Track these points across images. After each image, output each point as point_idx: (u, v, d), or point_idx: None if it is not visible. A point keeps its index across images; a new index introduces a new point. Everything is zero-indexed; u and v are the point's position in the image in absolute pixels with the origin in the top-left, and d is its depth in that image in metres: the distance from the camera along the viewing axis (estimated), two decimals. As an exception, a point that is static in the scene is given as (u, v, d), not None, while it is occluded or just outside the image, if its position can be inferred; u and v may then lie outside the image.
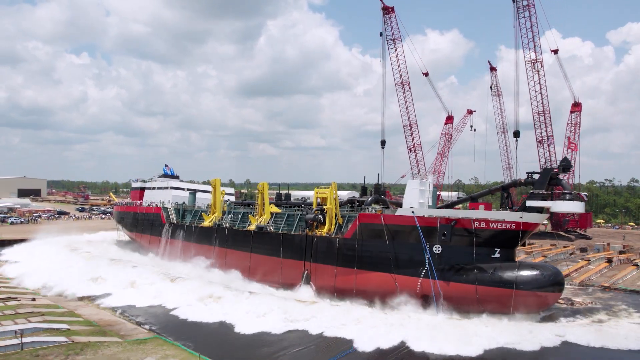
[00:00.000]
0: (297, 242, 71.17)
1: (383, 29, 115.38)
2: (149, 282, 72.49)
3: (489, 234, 58.01)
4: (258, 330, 51.99)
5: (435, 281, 58.09)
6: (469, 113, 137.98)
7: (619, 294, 70.97)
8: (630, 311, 61.05)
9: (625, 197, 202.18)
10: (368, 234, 64.06)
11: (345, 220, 69.18)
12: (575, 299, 66.73)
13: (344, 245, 65.92)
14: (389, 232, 62.20)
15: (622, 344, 47.77)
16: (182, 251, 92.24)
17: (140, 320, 57.55)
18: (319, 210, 71.07)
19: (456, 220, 58.57)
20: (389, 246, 62.15)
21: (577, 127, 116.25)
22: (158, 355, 41.27)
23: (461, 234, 58.70)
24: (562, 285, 58.91)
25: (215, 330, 53.57)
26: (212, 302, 62.56)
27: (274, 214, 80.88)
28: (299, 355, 46.13)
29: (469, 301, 56.39)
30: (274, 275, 73.40)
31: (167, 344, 44.77)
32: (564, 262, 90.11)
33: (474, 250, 58.34)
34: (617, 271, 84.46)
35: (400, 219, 61.77)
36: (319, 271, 68.09)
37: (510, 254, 59.47)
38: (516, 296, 55.00)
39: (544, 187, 59.62)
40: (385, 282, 61.55)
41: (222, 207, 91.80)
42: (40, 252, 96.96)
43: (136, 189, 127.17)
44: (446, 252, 58.98)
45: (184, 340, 48.51)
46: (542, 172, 61.37)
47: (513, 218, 57.89)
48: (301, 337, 50.43)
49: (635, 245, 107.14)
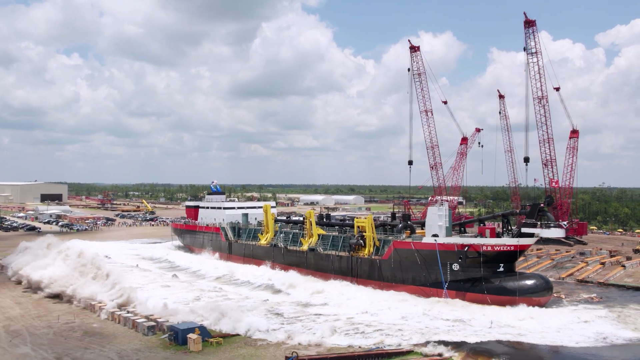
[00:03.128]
0: (345, 261, 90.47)
1: (410, 64, 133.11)
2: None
3: (494, 254, 76.71)
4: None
5: (453, 292, 77.16)
6: (477, 131, 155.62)
7: (610, 288, 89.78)
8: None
9: (615, 206, 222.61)
10: (401, 256, 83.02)
11: (381, 244, 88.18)
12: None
13: (383, 264, 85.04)
14: (419, 255, 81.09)
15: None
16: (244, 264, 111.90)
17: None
18: (359, 236, 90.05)
19: (469, 246, 77.33)
20: (419, 266, 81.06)
21: (575, 150, 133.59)
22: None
23: (473, 255, 77.38)
24: (552, 290, 77.59)
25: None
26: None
27: (321, 235, 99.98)
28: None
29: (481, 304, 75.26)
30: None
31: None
32: (569, 262, 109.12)
33: (483, 266, 77.03)
34: (608, 271, 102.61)
35: (425, 245, 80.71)
36: (361, 284, 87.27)
37: (511, 267, 78.43)
38: (518, 300, 73.65)
39: (534, 217, 78.43)
40: (416, 292, 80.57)
41: (273, 228, 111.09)
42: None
43: (191, 207, 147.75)
44: (462, 269, 77.76)
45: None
46: (532, 206, 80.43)
47: (512, 242, 76.72)
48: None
49: (622, 249, 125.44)
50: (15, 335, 57.59)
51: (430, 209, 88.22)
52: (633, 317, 69.55)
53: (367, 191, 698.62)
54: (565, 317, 68.71)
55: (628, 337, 60.09)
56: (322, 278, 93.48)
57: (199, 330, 52.57)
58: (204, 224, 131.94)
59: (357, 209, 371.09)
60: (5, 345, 54.13)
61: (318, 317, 68.30)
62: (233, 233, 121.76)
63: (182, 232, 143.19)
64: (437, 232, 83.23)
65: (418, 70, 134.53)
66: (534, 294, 74.55)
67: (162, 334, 55.93)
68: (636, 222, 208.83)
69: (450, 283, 78.19)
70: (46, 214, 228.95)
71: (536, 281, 76.22)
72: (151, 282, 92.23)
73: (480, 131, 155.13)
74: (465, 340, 57.58)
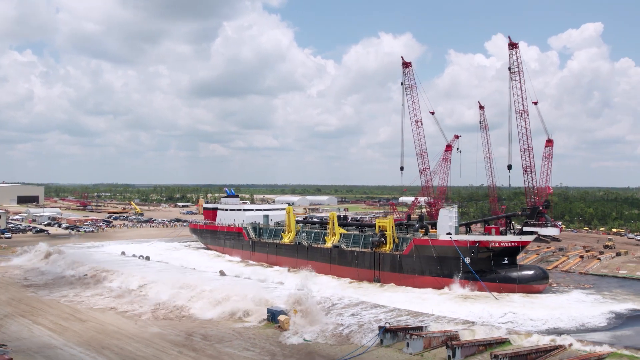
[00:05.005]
0: (368, 256, 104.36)
1: (403, 79, 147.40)
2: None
3: (500, 249, 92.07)
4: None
5: (465, 281, 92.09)
6: (455, 137, 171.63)
7: (590, 277, 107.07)
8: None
9: (580, 206, 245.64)
10: (420, 251, 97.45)
11: (400, 241, 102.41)
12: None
13: (404, 259, 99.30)
14: (435, 250, 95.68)
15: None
16: (267, 261, 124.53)
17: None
18: (381, 234, 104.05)
19: (479, 242, 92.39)
20: (435, 260, 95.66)
21: (550, 157, 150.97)
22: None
23: (482, 250, 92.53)
24: (548, 279, 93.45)
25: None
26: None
27: (342, 234, 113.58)
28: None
29: (490, 291, 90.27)
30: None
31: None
32: (552, 257, 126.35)
33: (491, 259, 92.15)
34: (587, 263, 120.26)
35: (442, 242, 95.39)
36: (385, 276, 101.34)
37: (514, 260, 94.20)
38: (520, 286, 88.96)
39: (534, 218, 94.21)
40: (432, 282, 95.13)
41: (295, 227, 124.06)
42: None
43: (209, 209, 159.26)
44: (473, 262, 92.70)
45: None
46: (532, 209, 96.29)
47: (515, 239, 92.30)
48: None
49: (595, 245, 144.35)
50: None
51: (442, 211, 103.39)
52: (623, 296, 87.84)
53: (333, 191, 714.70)
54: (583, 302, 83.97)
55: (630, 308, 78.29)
56: (346, 272, 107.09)
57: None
58: (226, 225, 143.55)
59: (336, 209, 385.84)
60: (135, 326, 65.41)
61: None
62: (255, 233, 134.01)
63: (202, 232, 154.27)
64: (448, 230, 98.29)
65: (410, 84, 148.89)
66: (534, 282, 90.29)
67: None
68: (599, 220, 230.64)
69: (463, 274, 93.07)
70: (44, 216, 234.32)
71: (535, 271, 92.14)
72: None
73: (459, 137, 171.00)
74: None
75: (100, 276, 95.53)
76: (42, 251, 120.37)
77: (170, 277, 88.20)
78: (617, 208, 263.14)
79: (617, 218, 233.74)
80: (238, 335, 60.80)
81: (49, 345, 56.09)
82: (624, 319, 73.36)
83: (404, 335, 54.20)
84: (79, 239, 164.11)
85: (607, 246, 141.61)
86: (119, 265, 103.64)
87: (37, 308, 74.31)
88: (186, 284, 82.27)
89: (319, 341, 57.52)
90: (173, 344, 56.75)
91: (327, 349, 55.23)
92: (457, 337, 54.91)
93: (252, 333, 61.61)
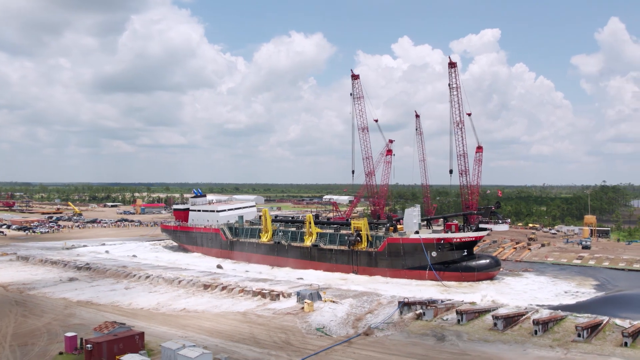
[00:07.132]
0: (346, 253, 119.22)
1: (352, 90, 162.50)
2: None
3: (461, 243, 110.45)
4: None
5: (433, 272, 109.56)
6: (390, 142, 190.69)
7: (525, 264, 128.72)
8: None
9: (514, 204, 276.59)
10: (393, 248, 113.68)
11: (374, 239, 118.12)
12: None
13: (379, 255, 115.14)
14: (405, 247, 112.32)
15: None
16: (247, 260, 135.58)
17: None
18: (357, 234, 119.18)
19: (444, 239, 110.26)
20: (406, 254, 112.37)
21: (480, 162, 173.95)
22: None
23: (446, 245, 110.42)
24: (500, 266, 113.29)
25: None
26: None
27: (319, 233, 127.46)
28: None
29: (455, 279, 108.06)
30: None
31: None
32: (490, 248, 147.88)
33: (454, 252, 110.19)
34: (520, 253, 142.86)
35: (412, 240, 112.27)
36: (361, 270, 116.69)
37: (472, 251, 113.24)
38: (478, 274, 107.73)
39: (487, 217, 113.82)
40: (404, 274, 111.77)
41: (272, 228, 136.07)
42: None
43: (179, 210, 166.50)
44: (439, 255, 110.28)
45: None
46: (485, 209, 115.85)
47: (473, 234, 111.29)
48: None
49: (522, 239, 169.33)
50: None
51: (407, 210, 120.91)
52: (567, 279, 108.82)
53: (250, 190, 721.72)
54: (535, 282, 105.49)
55: (577, 290, 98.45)
56: (325, 267, 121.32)
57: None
58: (201, 225, 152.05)
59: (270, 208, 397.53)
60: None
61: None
62: (231, 233, 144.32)
63: (176, 232, 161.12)
64: (413, 228, 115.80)
65: (358, 94, 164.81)
66: (489, 269, 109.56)
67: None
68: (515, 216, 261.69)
69: (431, 265, 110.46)
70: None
71: (490, 260, 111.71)
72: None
73: (392, 142, 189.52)
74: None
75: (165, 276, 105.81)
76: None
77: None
78: (528, 205, 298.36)
79: (528, 214, 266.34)
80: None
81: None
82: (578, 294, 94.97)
83: (420, 307, 71.21)
84: (50, 241, 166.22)
85: (531, 239, 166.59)
86: (150, 268, 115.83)
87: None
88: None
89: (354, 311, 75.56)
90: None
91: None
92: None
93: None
